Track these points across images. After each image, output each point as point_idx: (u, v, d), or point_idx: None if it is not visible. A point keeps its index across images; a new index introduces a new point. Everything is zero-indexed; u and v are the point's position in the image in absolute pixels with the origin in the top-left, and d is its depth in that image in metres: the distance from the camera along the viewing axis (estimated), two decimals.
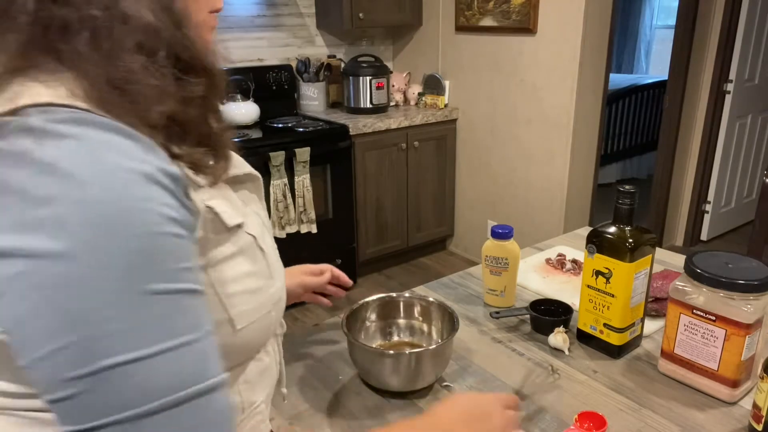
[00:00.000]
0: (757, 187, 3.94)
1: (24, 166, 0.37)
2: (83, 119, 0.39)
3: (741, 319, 0.84)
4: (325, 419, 0.88)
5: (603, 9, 2.76)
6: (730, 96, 3.43)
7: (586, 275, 1.00)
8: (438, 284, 1.31)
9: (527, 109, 3.02)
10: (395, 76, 3.52)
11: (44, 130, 0.38)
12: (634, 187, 0.95)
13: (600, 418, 0.84)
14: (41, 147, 0.37)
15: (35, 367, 0.39)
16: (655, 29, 6.69)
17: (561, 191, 2.97)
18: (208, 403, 0.42)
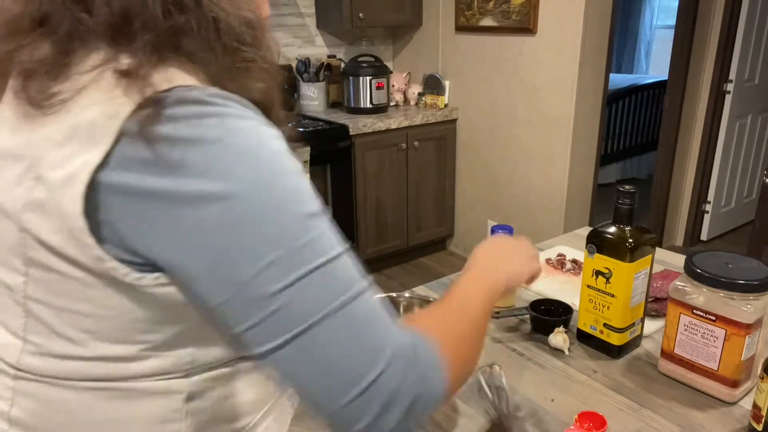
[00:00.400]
0: (757, 187, 3.94)
1: (197, 126, 0.46)
2: (226, 95, 0.48)
3: (741, 319, 0.84)
4: None
5: (603, 9, 2.76)
6: (730, 96, 3.43)
7: (586, 275, 1.00)
8: (438, 284, 1.31)
9: (527, 109, 3.02)
10: (395, 76, 3.52)
11: (204, 100, 0.47)
12: (634, 187, 0.95)
13: (600, 418, 0.84)
14: (205, 113, 0.46)
15: (239, 294, 0.47)
16: (655, 29, 6.69)
17: (561, 191, 2.97)
18: (369, 296, 0.51)
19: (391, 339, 0.51)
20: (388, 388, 0.50)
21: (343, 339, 0.49)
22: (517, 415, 0.87)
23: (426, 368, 0.53)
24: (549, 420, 0.86)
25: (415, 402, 0.52)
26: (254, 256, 0.46)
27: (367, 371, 0.49)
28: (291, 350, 0.48)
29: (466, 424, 0.86)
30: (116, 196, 0.46)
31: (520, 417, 0.87)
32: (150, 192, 0.45)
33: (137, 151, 0.45)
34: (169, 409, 0.56)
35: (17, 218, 0.49)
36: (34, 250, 0.50)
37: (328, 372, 0.49)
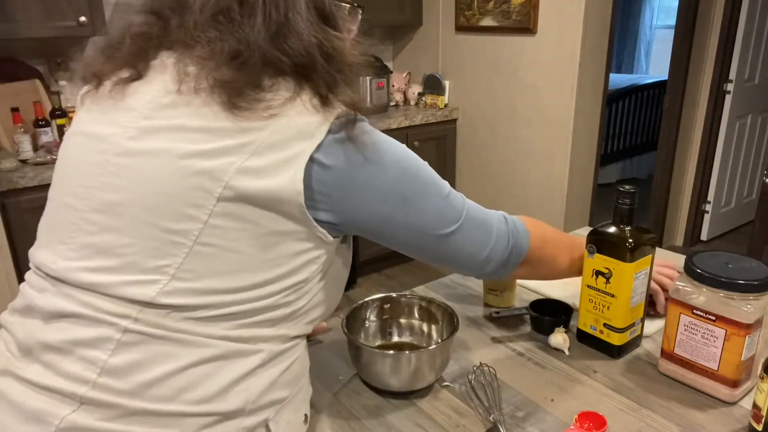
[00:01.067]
0: (757, 187, 3.94)
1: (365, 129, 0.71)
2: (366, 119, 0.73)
3: (741, 319, 0.84)
4: (325, 419, 0.88)
5: (603, 9, 2.76)
6: (730, 96, 3.44)
7: (586, 275, 1.00)
8: (438, 284, 1.31)
9: (527, 109, 3.02)
10: (395, 76, 3.52)
11: (363, 123, 0.71)
12: (634, 187, 0.95)
13: (600, 418, 0.84)
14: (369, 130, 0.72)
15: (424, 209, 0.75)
16: (655, 29, 6.69)
17: (561, 191, 2.97)
18: (470, 203, 0.83)
19: (493, 217, 0.85)
20: (500, 242, 0.85)
21: (475, 224, 0.82)
22: (517, 414, 0.87)
23: (517, 228, 0.88)
24: (549, 420, 0.86)
25: (511, 249, 0.86)
26: (422, 194, 0.75)
27: (490, 237, 0.84)
28: (454, 237, 0.79)
29: (466, 424, 0.86)
30: (325, 170, 0.67)
31: (519, 417, 0.87)
32: (346, 168, 0.68)
33: (338, 141, 0.67)
34: (247, 370, 0.67)
35: (225, 178, 0.62)
36: (229, 204, 0.63)
37: (473, 244, 0.82)
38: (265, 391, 0.69)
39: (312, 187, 0.66)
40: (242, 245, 0.64)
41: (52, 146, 2.42)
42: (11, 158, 2.32)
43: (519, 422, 0.85)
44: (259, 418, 0.68)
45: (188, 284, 0.63)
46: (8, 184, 2.19)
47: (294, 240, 0.67)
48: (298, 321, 0.73)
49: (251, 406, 0.67)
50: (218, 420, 0.65)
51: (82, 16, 2.41)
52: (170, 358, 0.63)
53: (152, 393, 0.62)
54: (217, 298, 0.64)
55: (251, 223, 0.64)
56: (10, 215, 2.21)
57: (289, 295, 0.69)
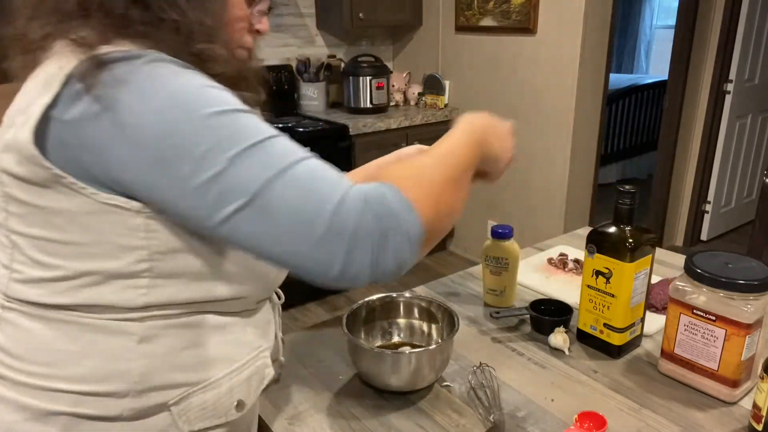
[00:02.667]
0: (757, 187, 3.94)
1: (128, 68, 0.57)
2: (163, 56, 0.59)
3: (741, 319, 0.84)
4: (325, 419, 0.88)
5: (603, 9, 2.76)
6: (730, 96, 3.44)
7: (586, 275, 1.00)
8: (438, 284, 1.31)
9: (527, 109, 3.02)
10: (395, 76, 3.52)
11: (136, 52, 0.58)
12: (634, 187, 0.95)
13: (600, 418, 0.84)
14: (133, 56, 0.57)
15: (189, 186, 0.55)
16: (655, 29, 6.69)
17: (561, 191, 2.97)
18: (312, 162, 0.59)
19: (340, 187, 0.58)
20: (346, 227, 0.56)
21: (291, 196, 0.56)
22: (517, 414, 0.87)
23: (390, 205, 0.58)
24: (549, 420, 0.86)
25: (385, 236, 0.57)
26: (187, 154, 0.55)
27: (319, 217, 0.56)
28: (249, 214, 0.56)
29: (466, 424, 0.86)
30: (66, 128, 0.57)
31: (519, 417, 0.87)
32: (91, 119, 0.56)
33: (78, 91, 0.56)
34: (122, 348, 0.63)
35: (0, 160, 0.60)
36: (10, 187, 0.61)
37: (286, 227, 0.56)
38: (152, 373, 0.64)
39: (62, 152, 0.58)
40: (40, 230, 0.61)
41: None
42: None
43: (519, 422, 0.85)
44: (151, 401, 0.65)
45: (21, 275, 0.63)
46: None
47: (87, 216, 0.59)
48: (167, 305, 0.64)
49: (136, 388, 0.64)
50: (96, 400, 0.64)
51: None
52: (40, 336, 0.63)
53: (31, 369, 0.64)
54: (52, 287, 0.62)
55: (33, 206, 0.60)
56: None
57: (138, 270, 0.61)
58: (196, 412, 0.68)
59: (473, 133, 0.75)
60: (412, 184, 0.61)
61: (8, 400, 0.64)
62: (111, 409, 0.64)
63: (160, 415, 0.66)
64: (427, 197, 0.61)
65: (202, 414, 0.68)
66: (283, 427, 0.86)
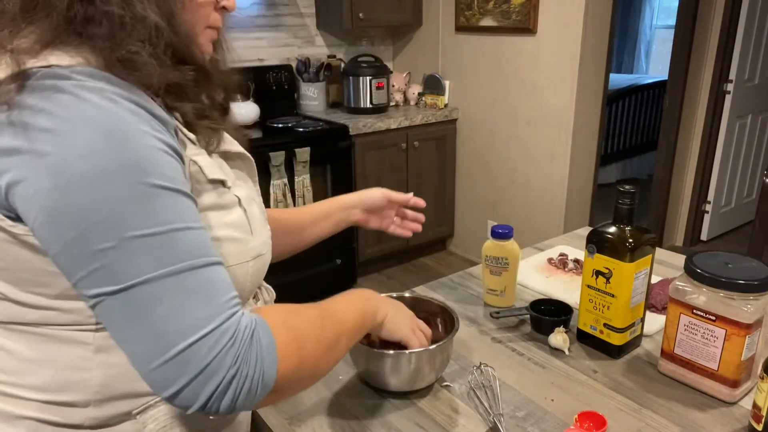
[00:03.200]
0: (757, 187, 3.94)
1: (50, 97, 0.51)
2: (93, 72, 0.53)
3: (741, 319, 0.84)
4: (325, 419, 0.88)
5: (603, 9, 2.76)
6: (730, 96, 3.44)
7: (586, 275, 1.00)
8: (438, 284, 1.31)
9: (527, 109, 3.02)
10: (395, 76, 3.52)
11: (66, 75, 0.52)
12: (634, 187, 0.95)
13: (600, 418, 0.84)
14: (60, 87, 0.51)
15: (68, 248, 0.51)
16: (655, 29, 6.69)
17: (561, 191, 2.97)
18: (209, 272, 0.55)
19: (220, 314, 0.54)
20: (201, 361, 0.52)
21: (165, 304, 0.52)
22: (517, 414, 0.87)
23: (257, 351, 0.56)
24: (549, 420, 0.86)
25: (236, 378, 0.54)
26: (81, 216, 0.51)
27: (181, 339, 0.52)
28: (113, 303, 0.52)
29: (466, 424, 0.86)
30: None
31: (519, 417, 0.87)
32: (4, 150, 0.51)
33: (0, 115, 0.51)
34: (79, 358, 0.61)
35: None
36: None
37: (147, 332, 0.52)
38: (112, 383, 0.62)
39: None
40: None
41: None
42: None
43: (519, 422, 0.85)
44: (114, 410, 0.63)
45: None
46: None
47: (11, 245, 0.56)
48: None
49: (97, 397, 0.62)
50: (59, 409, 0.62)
51: None
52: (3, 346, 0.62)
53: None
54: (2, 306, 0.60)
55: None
56: None
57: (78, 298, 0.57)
58: (165, 420, 0.66)
59: (366, 303, 0.79)
60: (287, 336, 0.60)
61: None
62: (73, 418, 0.63)
63: (125, 424, 0.64)
64: (295, 354, 0.60)
65: (171, 422, 0.66)
66: (283, 427, 0.86)
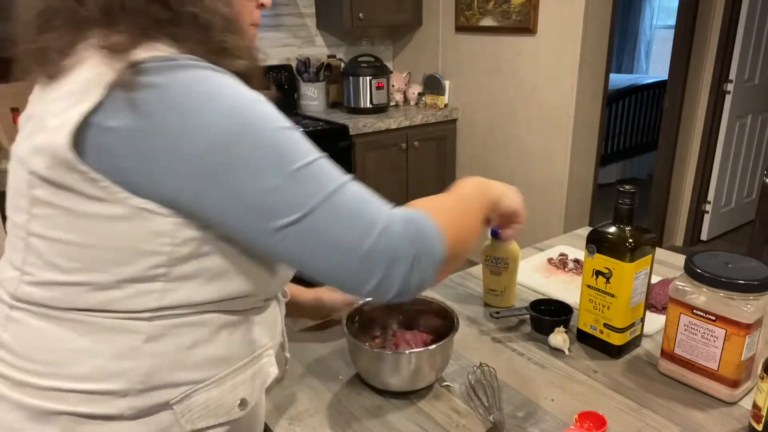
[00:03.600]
0: (757, 187, 3.94)
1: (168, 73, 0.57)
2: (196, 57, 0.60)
3: (741, 319, 0.84)
4: (325, 419, 0.88)
5: (603, 9, 2.76)
6: (730, 96, 3.44)
7: (586, 275, 1.00)
8: (438, 284, 1.31)
9: (527, 109, 3.02)
10: (395, 76, 3.52)
11: (176, 58, 0.58)
12: (634, 187, 0.95)
13: (600, 418, 0.84)
14: (175, 65, 0.58)
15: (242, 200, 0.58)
16: (655, 29, 6.69)
17: (561, 191, 2.97)
18: (354, 185, 0.64)
19: (383, 211, 0.63)
20: (387, 249, 0.61)
21: (341, 216, 0.60)
22: (517, 414, 0.87)
23: (424, 230, 0.65)
24: (549, 420, 0.86)
25: (417, 258, 0.63)
26: (245, 167, 0.57)
27: (367, 236, 0.60)
28: (299, 230, 0.59)
29: (466, 424, 0.86)
30: (108, 134, 0.57)
31: (519, 417, 0.87)
32: (138, 129, 0.56)
33: (123, 99, 0.56)
34: (129, 347, 0.63)
35: (27, 163, 0.61)
36: (39, 189, 0.61)
37: (333, 245, 0.60)
38: (157, 371, 0.64)
39: (101, 157, 0.58)
40: (64, 233, 0.61)
41: None
42: None
43: (519, 422, 0.85)
44: (154, 400, 0.65)
45: (33, 278, 0.64)
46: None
47: (116, 221, 0.59)
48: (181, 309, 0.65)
49: (138, 387, 0.64)
50: (100, 399, 0.63)
51: None
52: (47, 335, 0.64)
53: (34, 368, 0.64)
54: (65, 290, 0.62)
55: (61, 209, 0.60)
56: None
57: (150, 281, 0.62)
58: (199, 411, 0.67)
59: (472, 181, 0.84)
60: (439, 213, 0.68)
61: (9, 400, 0.65)
62: (112, 408, 0.64)
63: (162, 413, 0.65)
64: (450, 227, 0.68)
65: (205, 412, 0.68)
66: (283, 427, 0.86)
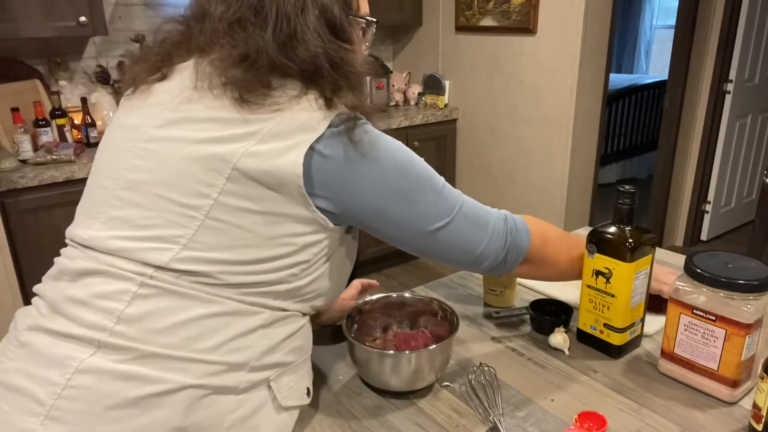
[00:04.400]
0: (757, 187, 3.94)
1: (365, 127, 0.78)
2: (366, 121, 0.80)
3: (741, 319, 0.84)
4: (325, 419, 0.88)
5: (603, 9, 2.76)
6: (730, 96, 3.43)
7: (586, 275, 1.00)
8: (438, 284, 1.31)
9: (527, 109, 3.02)
10: (395, 76, 3.52)
11: (360, 117, 0.78)
12: (634, 187, 0.95)
13: (600, 418, 0.84)
14: (369, 129, 0.80)
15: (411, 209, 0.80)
16: (655, 29, 6.69)
17: (561, 191, 2.97)
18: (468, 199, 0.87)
19: (491, 214, 0.88)
20: (498, 238, 0.87)
21: (471, 217, 0.85)
22: (517, 414, 0.87)
23: (517, 227, 0.90)
24: (549, 420, 0.86)
25: (511, 246, 0.88)
26: (411, 190, 0.80)
27: (486, 231, 0.86)
28: (448, 230, 0.83)
29: (466, 424, 0.86)
30: (324, 159, 0.73)
31: (519, 417, 0.87)
32: (350, 158, 0.75)
33: (338, 135, 0.74)
34: (250, 327, 0.75)
35: (233, 161, 0.71)
36: (236, 184, 0.71)
37: (469, 236, 0.85)
38: (268, 352, 0.76)
39: (312, 174, 0.73)
40: (247, 222, 0.72)
41: (51, 146, 2.42)
42: (11, 158, 2.32)
43: (519, 422, 0.85)
44: (261, 376, 0.76)
45: (198, 253, 0.71)
46: (8, 184, 2.19)
47: (295, 222, 0.74)
48: (299, 299, 0.80)
49: (255, 363, 0.75)
50: (223, 370, 0.72)
51: (82, 16, 2.41)
52: (180, 310, 0.71)
53: (163, 340, 0.70)
54: (223, 268, 0.72)
55: (256, 202, 0.71)
56: (10, 215, 2.21)
57: (291, 273, 0.76)
58: (286, 391, 0.79)
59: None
60: (535, 228, 0.93)
61: (131, 376, 0.68)
62: (232, 380, 0.73)
63: (262, 391, 0.76)
64: (541, 239, 0.93)
65: (289, 393, 0.80)
66: None
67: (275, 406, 0.78)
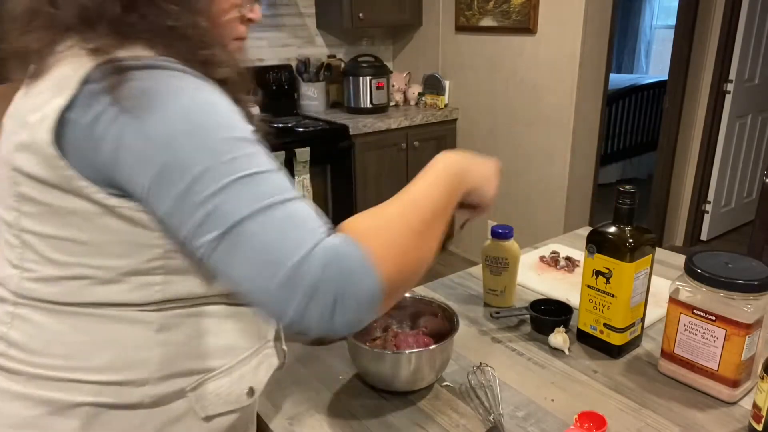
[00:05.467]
0: (757, 187, 3.94)
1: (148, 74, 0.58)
2: (173, 60, 0.61)
3: (741, 319, 0.84)
4: (325, 419, 0.88)
5: (603, 9, 2.75)
6: (730, 96, 3.43)
7: (586, 275, 1.00)
8: (438, 284, 1.31)
9: (527, 109, 3.02)
10: (395, 76, 3.51)
11: (154, 58, 0.60)
12: (634, 187, 0.95)
13: (600, 418, 0.84)
14: (152, 65, 0.59)
15: (179, 202, 0.57)
16: (655, 29, 6.69)
17: (561, 191, 2.97)
18: (296, 204, 0.59)
19: (312, 238, 0.57)
20: (307, 279, 0.56)
21: (267, 233, 0.57)
22: (517, 414, 0.87)
23: (351, 265, 0.57)
24: (549, 420, 0.86)
25: (340, 297, 0.56)
26: (186, 169, 0.56)
27: (287, 261, 0.56)
28: (225, 245, 0.57)
29: (466, 424, 0.86)
30: (83, 130, 0.58)
31: (519, 417, 0.87)
32: (108, 122, 0.57)
33: (96, 93, 0.57)
34: (142, 337, 0.65)
35: (10, 160, 0.62)
36: (24, 186, 0.62)
37: (256, 262, 0.56)
38: (170, 361, 0.67)
39: (74, 152, 0.59)
40: (56, 229, 0.62)
41: None
42: None
43: (519, 422, 0.85)
44: (171, 387, 0.67)
45: (34, 274, 0.64)
46: None
47: (102, 216, 0.61)
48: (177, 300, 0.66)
49: (157, 375, 0.66)
50: (118, 389, 0.65)
51: None
52: (58, 330, 0.65)
53: (47, 362, 0.65)
54: (67, 285, 0.63)
55: (48, 205, 0.61)
56: None
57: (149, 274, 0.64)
58: (212, 399, 0.70)
59: (449, 167, 0.76)
60: (376, 241, 0.60)
61: (27, 396, 0.65)
62: (132, 397, 0.66)
63: (178, 401, 0.68)
64: (391, 254, 0.61)
65: (216, 400, 0.70)
66: (283, 427, 0.86)
67: (199, 416, 0.69)
